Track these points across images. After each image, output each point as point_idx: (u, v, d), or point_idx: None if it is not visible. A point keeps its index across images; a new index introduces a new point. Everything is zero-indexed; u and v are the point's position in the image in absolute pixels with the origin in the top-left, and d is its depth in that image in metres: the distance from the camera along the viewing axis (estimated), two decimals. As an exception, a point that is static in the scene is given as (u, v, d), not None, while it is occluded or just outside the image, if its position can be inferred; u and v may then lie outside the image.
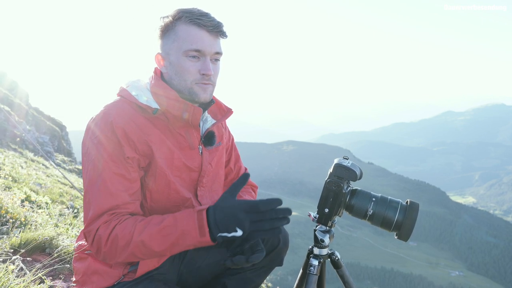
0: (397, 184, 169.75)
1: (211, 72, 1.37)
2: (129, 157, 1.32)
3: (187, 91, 1.39)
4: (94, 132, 1.33)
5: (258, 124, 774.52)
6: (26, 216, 2.88)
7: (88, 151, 1.33)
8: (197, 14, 1.35)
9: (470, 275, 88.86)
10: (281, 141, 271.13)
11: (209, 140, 1.52)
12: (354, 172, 1.42)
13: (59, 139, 21.77)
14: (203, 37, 1.35)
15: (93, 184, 1.29)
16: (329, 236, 1.52)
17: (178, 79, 1.39)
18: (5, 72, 22.98)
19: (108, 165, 1.30)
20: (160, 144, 1.38)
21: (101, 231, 1.24)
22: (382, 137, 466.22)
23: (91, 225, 1.27)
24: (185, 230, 1.16)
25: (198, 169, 1.49)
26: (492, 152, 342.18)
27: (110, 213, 1.27)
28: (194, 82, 1.38)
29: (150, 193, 1.41)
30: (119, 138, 1.31)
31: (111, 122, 1.31)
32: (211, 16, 1.37)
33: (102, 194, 1.28)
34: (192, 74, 1.37)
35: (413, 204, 1.40)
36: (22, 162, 9.83)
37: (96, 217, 1.27)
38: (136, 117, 1.36)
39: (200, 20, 1.34)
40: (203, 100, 1.41)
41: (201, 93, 1.39)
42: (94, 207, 1.27)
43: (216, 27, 1.36)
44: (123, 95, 1.40)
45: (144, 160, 1.37)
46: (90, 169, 1.31)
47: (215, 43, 1.38)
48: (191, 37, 1.34)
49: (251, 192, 1.79)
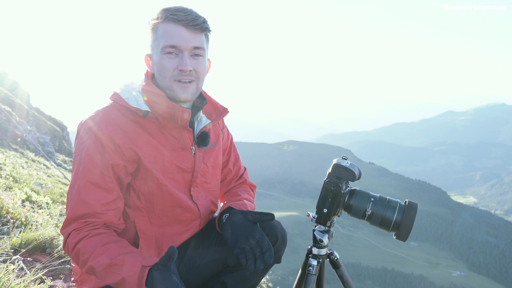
0: (398, 184, 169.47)
1: (187, 67, 1.35)
2: (113, 164, 1.33)
3: (168, 90, 1.40)
4: (81, 137, 1.36)
5: (259, 124, 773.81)
6: (26, 216, 2.89)
7: (75, 154, 1.37)
8: (173, 10, 1.35)
9: (471, 275, 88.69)
10: (282, 141, 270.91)
11: (202, 140, 1.52)
12: (353, 172, 1.42)
13: (60, 139, 21.78)
14: (178, 32, 1.34)
15: (71, 188, 1.34)
16: (328, 236, 1.53)
17: (160, 78, 1.40)
18: (6, 72, 23.01)
19: (85, 172, 1.31)
20: (148, 148, 1.38)
21: (70, 239, 1.28)
22: (383, 137, 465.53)
23: (65, 227, 1.31)
24: (125, 278, 1.16)
25: (190, 170, 1.49)
26: (493, 152, 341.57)
27: (82, 221, 1.29)
28: (173, 79, 1.37)
29: (143, 195, 1.43)
30: (104, 145, 1.32)
31: (98, 128, 1.33)
32: (189, 11, 1.36)
33: (76, 201, 1.31)
34: (169, 71, 1.36)
35: (411, 204, 1.41)
36: (23, 162, 9.84)
37: (69, 222, 1.31)
38: (123, 123, 1.36)
39: (175, 16, 1.33)
40: (183, 99, 1.41)
41: (180, 92, 1.39)
42: (68, 212, 1.32)
43: (193, 21, 1.34)
44: (114, 99, 1.41)
45: (131, 166, 1.38)
46: (73, 173, 1.36)
47: (193, 37, 1.36)
48: (167, 33, 1.34)
49: (249, 191, 1.78)
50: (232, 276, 1.60)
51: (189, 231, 1.56)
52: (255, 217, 1.40)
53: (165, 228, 1.50)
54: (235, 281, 1.60)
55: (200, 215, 1.56)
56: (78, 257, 1.26)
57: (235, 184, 1.82)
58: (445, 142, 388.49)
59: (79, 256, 1.26)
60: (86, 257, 1.23)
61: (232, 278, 1.60)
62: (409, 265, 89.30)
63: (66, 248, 1.31)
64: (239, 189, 1.76)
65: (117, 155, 1.34)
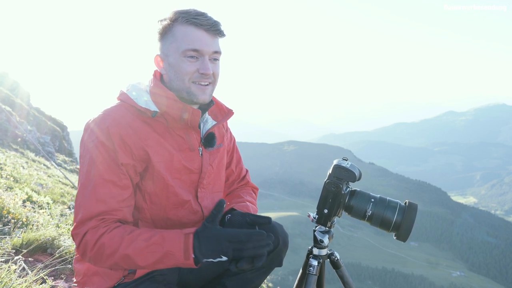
0: (398, 184, 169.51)
1: (210, 71, 1.37)
2: (123, 163, 1.34)
3: (185, 92, 1.40)
4: (90, 136, 1.35)
5: (259, 124, 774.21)
6: (27, 217, 2.89)
7: (84, 153, 1.36)
8: (194, 14, 1.35)
9: (471, 276, 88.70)
10: (282, 141, 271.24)
11: (209, 141, 1.53)
12: (353, 173, 1.43)
13: (60, 139, 21.78)
14: (200, 36, 1.35)
15: (84, 188, 1.32)
16: (329, 237, 1.54)
17: (177, 80, 1.39)
18: (7, 72, 23.04)
19: (99, 171, 1.31)
20: (158, 147, 1.39)
21: (88, 236, 1.27)
22: (383, 137, 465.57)
23: (79, 228, 1.29)
24: (170, 251, 1.19)
25: (198, 171, 1.49)
26: (494, 152, 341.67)
27: (98, 218, 1.29)
28: (191, 81, 1.38)
29: (149, 195, 1.43)
30: (114, 144, 1.32)
31: (107, 127, 1.33)
32: (208, 16, 1.37)
33: (92, 199, 1.30)
34: (190, 74, 1.37)
35: (411, 204, 1.42)
36: (24, 162, 9.84)
37: (84, 221, 1.29)
38: (133, 122, 1.37)
39: (197, 20, 1.34)
40: (201, 101, 1.42)
41: (199, 94, 1.40)
42: (83, 211, 1.30)
43: (214, 26, 1.36)
44: (122, 98, 1.42)
45: (140, 165, 1.38)
46: (84, 172, 1.34)
47: (213, 42, 1.38)
48: (188, 37, 1.34)
49: (251, 193, 1.80)
50: (233, 279, 1.60)
51: None
52: (252, 219, 1.41)
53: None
54: (236, 283, 1.60)
55: (204, 217, 1.55)
56: (102, 252, 1.25)
57: (237, 185, 1.83)
58: (445, 142, 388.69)
59: (103, 250, 1.25)
60: (114, 249, 1.24)
61: (233, 280, 1.60)
62: (409, 265, 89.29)
63: (83, 247, 1.28)
64: (242, 191, 1.77)
65: (126, 154, 1.34)
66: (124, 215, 1.35)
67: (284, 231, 1.62)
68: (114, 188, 1.33)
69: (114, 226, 1.29)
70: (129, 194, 1.37)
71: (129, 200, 1.37)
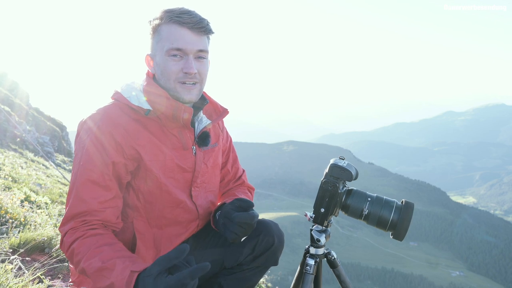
0: (397, 184, 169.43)
1: (193, 70, 1.36)
2: (114, 161, 1.33)
3: (172, 92, 1.40)
4: (81, 136, 1.36)
5: (259, 124, 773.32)
6: (25, 216, 2.89)
7: (76, 152, 1.38)
8: (178, 12, 1.34)
9: (471, 275, 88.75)
10: (282, 141, 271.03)
11: (203, 140, 1.53)
12: (350, 172, 1.43)
13: (59, 140, 21.77)
14: (184, 35, 1.34)
15: (71, 187, 1.35)
16: (325, 236, 1.54)
17: (163, 79, 1.40)
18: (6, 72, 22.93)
19: (83, 171, 1.31)
20: (150, 146, 1.39)
21: (66, 237, 1.28)
22: (382, 137, 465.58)
23: (63, 226, 1.32)
24: (114, 284, 1.15)
25: (191, 170, 1.49)
26: (493, 152, 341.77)
27: (79, 220, 1.29)
28: (177, 81, 1.37)
29: (143, 194, 1.43)
30: (104, 142, 1.32)
31: (99, 126, 1.33)
32: (194, 13, 1.35)
33: (75, 199, 1.31)
34: (174, 73, 1.36)
35: (408, 204, 1.42)
36: (22, 162, 9.83)
37: (67, 220, 1.31)
38: (125, 121, 1.37)
39: (180, 18, 1.33)
40: (188, 101, 1.42)
41: (185, 94, 1.39)
42: (66, 210, 1.32)
43: (198, 24, 1.34)
44: (116, 98, 1.42)
45: (132, 164, 1.38)
46: (73, 172, 1.36)
47: (198, 40, 1.36)
48: (172, 36, 1.34)
49: (247, 193, 1.79)
50: (229, 278, 1.60)
51: (187, 232, 1.56)
52: (240, 204, 1.42)
53: (163, 229, 1.50)
54: (232, 282, 1.60)
55: (199, 216, 1.56)
56: (71, 257, 1.26)
57: (233, 185, 1.82)
58: (445, 142, 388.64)
59: (73, 256, 1.25)
60: (79, 258, 1.22)
61: (228, 279, 1.60)
62: (409, 265, 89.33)
63: (62, 246, 1.30)
64: (237, 190, 1.76)
65: (117, 152, 1.34)
66: (106, 217, 1.33)
67: (280, 229, 1.61)
68: (97, 189, 1.32)
69: (90, 233, 1.27)
70: (112, 195, 1.35)
71: (112, 201, 1.35)
